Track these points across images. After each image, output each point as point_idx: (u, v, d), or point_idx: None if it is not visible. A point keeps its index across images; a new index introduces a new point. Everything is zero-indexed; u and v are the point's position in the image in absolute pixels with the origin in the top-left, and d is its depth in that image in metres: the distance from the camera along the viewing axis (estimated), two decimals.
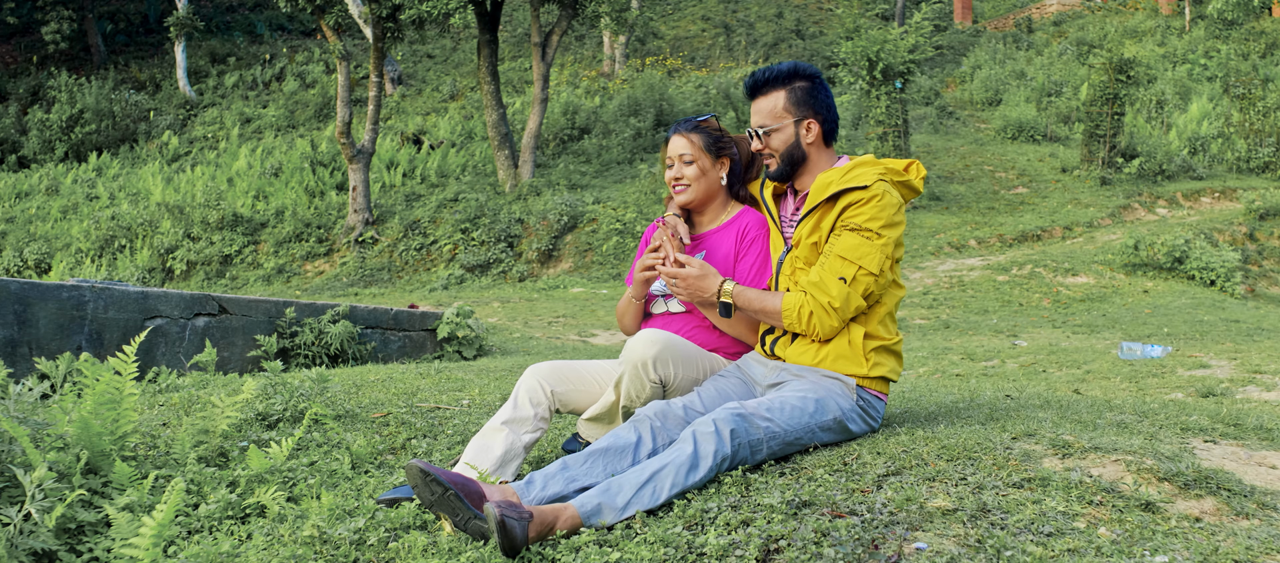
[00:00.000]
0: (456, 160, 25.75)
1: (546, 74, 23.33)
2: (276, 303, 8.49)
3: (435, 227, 22.11)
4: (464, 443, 4.60)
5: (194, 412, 5.09)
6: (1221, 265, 16.19)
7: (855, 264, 3.70)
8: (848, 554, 2.82)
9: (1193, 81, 29.95)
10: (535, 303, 15.79)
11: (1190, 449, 3.95)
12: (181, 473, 4.14)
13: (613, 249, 20.56)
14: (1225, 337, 11.07)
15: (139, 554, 3.18)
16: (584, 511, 3.27)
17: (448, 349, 9.42)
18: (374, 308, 9.10)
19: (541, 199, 22.26)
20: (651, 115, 27.06)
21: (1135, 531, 3.03)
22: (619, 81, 32.47)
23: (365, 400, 5.36)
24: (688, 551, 3.03)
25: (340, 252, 22.22)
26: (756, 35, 39.66)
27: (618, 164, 25.40)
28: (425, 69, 38.14)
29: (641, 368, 3.85)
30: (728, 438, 3.45)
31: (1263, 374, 7.25)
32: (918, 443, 3.67)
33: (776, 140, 3.94)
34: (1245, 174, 23.33)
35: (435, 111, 31.86)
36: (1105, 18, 39.05)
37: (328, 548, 3.36)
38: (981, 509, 3.10)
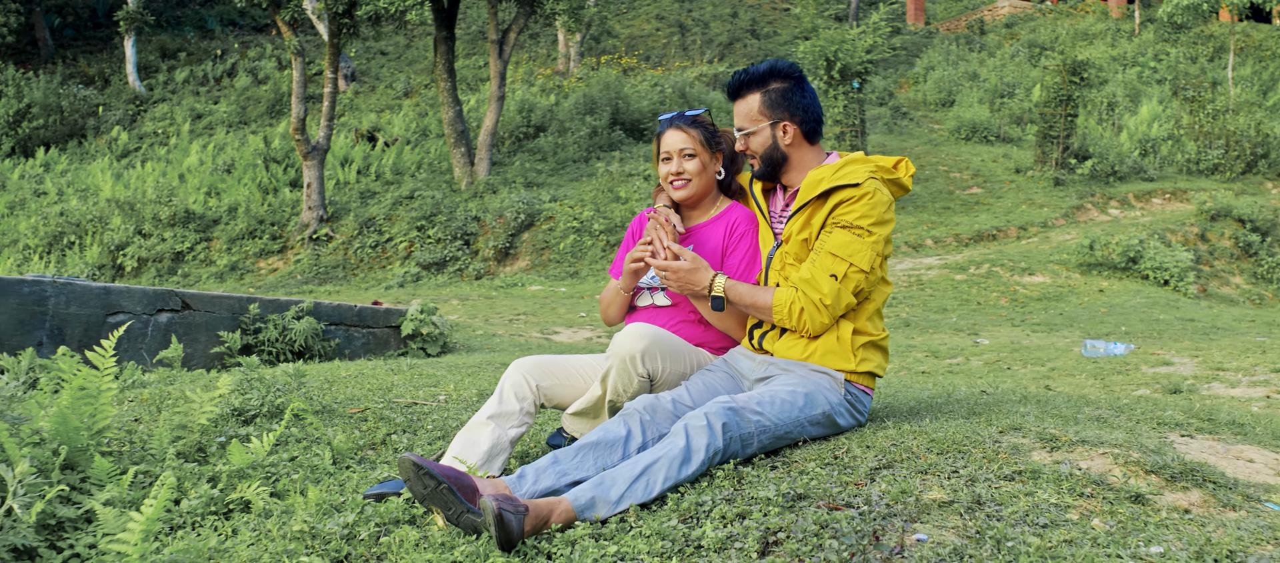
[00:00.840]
0: (412, 158, 25.61)
1: (503, 71, 23.26)
2: (240, 299, 8.40)
3: (391, 224, 21.98)
4: (445, 438, 4.58)
5: (168, 407, 5.02)
6: (1175, 265, 16.41)
7: (846, 261, 3.71)
8: (852, 546, 2.83)
9: (1142, 84, 30.33)
10: (494, 301, 15.74)
11: (1170, 443, 3.99)
12: (161, 468, 4.09)
13: (570, 248, 20.53)
14: (1182, 335, 11.21)
15: (128, 550, 3.13)
16: (578, 504, 3.26)
17: (412, 346, 9.37)
18: (338, 304, 9.03)
19: (498, 197, 22.19)
20: (607, 114, 27.03)
21: (1128, 522, 3.06)
22: (574, 80, 32.40)
23: (340, 396, 5.32)
24: (685, 543, 3.02)
25: (294, 249, 22.04)
26: (712, 35, 39.73)
27: (574, 162, 25.35)
28: (379, 66, 37.90)
29: (629, 362, 3.84)
30: (720, 432, 3.45)
31: (1225, 371, 7.35)
32: (906, 437, 3.69)
33: (755, 143, 3.96)
34: (1195, 176, 23.65)
35: (389, 108, 31.66)
36: (1056, 20, 39.46)
37: (318, 543, 3.33)
38: (976, 502, 3.12)
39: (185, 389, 5.58)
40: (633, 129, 27.38)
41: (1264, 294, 17.63)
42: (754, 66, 4.02)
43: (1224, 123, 23.78)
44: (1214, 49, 33.46)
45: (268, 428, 4.62)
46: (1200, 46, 33.43)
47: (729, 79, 4.04)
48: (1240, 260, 18.42)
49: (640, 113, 27.56)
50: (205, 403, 4.38)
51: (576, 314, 13.35)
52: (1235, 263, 18.29)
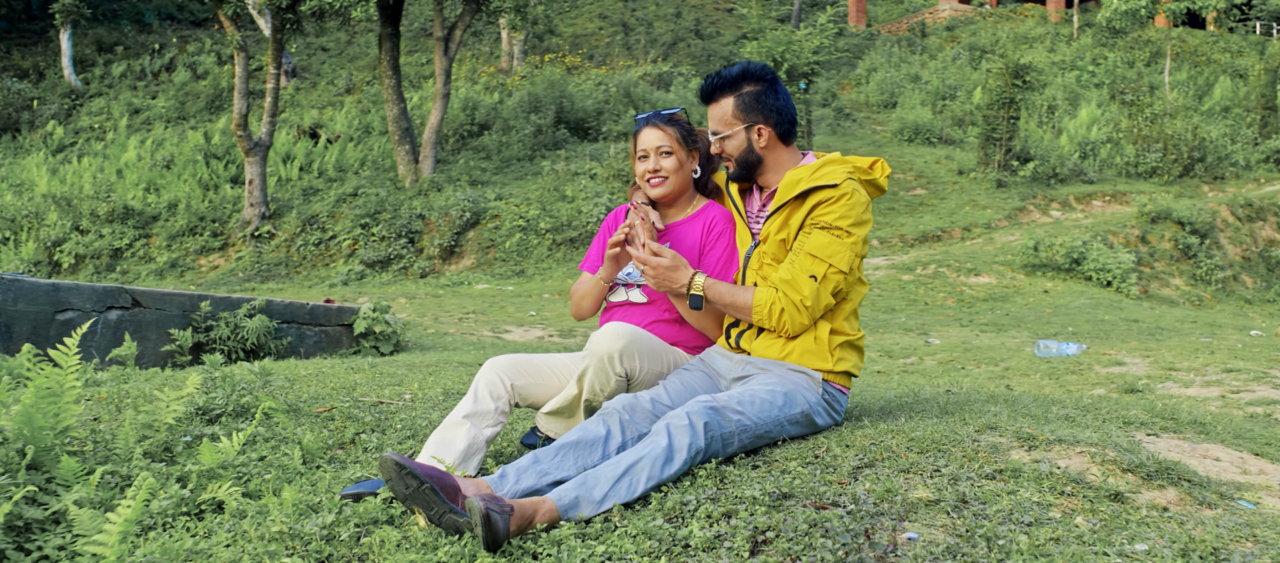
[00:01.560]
0: (355, 155, 25.40)
1: (448, 69, 23.13)
2: (191, 296, 8.28)
3: (334, 221, 21.79)
4: (415, 437, 4.53)
5: (129, 406, 4.94)
6: (1117, 267, 16.65)
7: (825, 262, 3.72)
8: (847, 544, 2.83)
9: (1081, 87, 30.74)
10: (442, 299, 15.64)
11: (1139, 443, 4.03)
12: (128, 468, 4.01)
13: (516, 246, 20.46)
14: (1129, 336, 11.37)
15: (105, 552, 3.06)
16: (562, 504, 3.24)
17: (364, 345, 9.28)
18: (290, 302, 8.92)
19: (443, 195, 22.06)
20: (552, 112, 26.97)
21: (1110, 520, 3.09)
22: (517, 78, 32.31)
23: (304, 395, 5.25)
24: (672, 543, 3.01)
25: (236, 246, 21.78)
26: (655, 34, 39.77)
27: (518, 161, 25.26)
28: (320, 62, 37.58)
29: (608, 361, 3.82)
30: (701, 431, 3.44)
31: (1177, 371, 7.45)
32: (885, 436, 3.70)
33: (730, 146, 3.95)
34: (1134, 178, 24.00)
35: (331, 105, 31.39)
36: (996, 24, 39.91)
37: (298, 544, 3.28)
38: (961, 500, 3.13)
39: (147, 388, 5.50)
40: (577, 128, 27.34)
41: (1202, 296, 17.93)
42: (726, 70, 4.00)
43: (1162, 127, 24.17)
44: (1151, 54, 34.00)
45: (235, 427, 4.55)
46: (1137, 51, 33.96)
47: (701, 83, 4.03)
48: (1180, 262, 18.72)
49: (585, 112, 27.52)
50: (172, 402, 4.31)
51: (526, 313, 13.30)
52: (1175, 265, 18.58)
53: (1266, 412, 5.78)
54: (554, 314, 13.26)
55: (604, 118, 27.50)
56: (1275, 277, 19.81)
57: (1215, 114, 28.40)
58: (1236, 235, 20.10)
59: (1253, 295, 18.75)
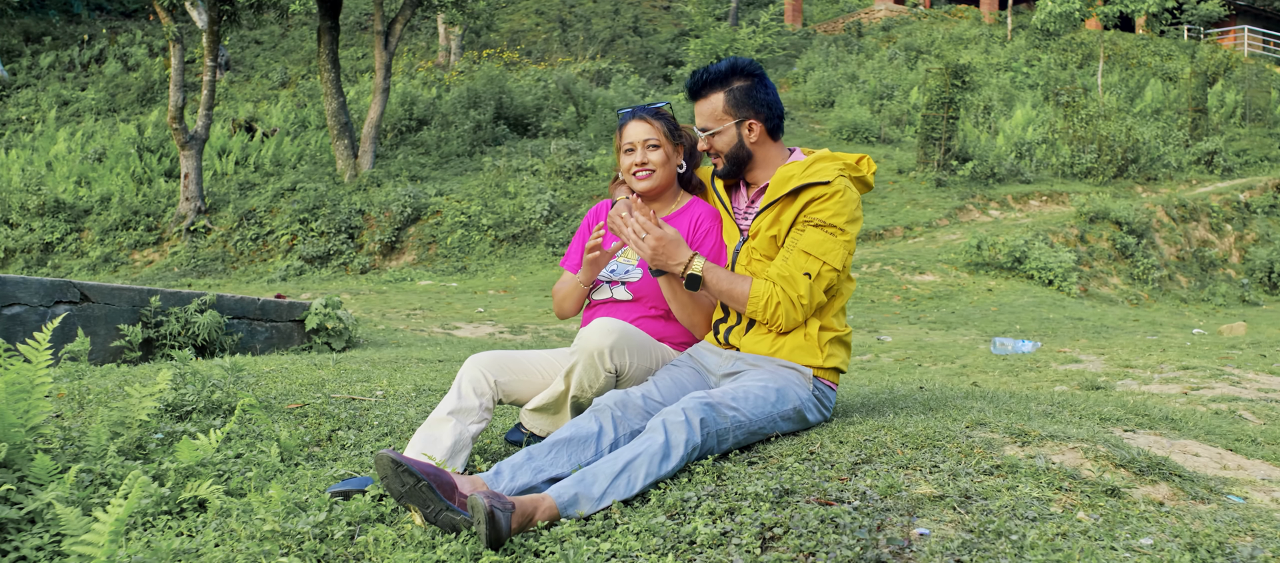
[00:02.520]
0: (292, 149, 25.07)
1: (388, 63, 22.90)
2: (140, 291, 8.11)
3: (272, 216, 21.51)
4: (392, 434, 4.47)
5: (90, 403, 4.82)
6: (1058, 266, 16.87)
7: (820, 260, 3.71)
8: (864, 540, 2.81)
9: (1016, 89, 31.12)
10: (386, 295, 15.49)
11: (1120, 439, 4.06)
12: (102, 466, 3.91)
13: (458, 242, 20.32)
14: (1075, 334, 11.53)
15: (95, 552, 2.97)
16: (561, 502, 3.20)
17: (316, 341, 9.15)
18: (241, 297, 8.78)
19: (382, 190, 21.86)
20: (491, 108, 26.80)
21: (1110, 515, 3.10)
22: (455, 73, 32.07)
23: (273, 392, 5.15)
24: (676, 540, 2.99)
25: (171, 241, 21.43)
26: (594, 31, 39.68)
27: (458, 157, 25.08)
28: (253, 55, 37.09)
29: (598, 357, 3.78)
30: (697, 427, 3.42)
31: (1134, 368, 7.54)
32: (878, 433, 3.69)
33: (720, 142, 3.92)
34: (1069, 179, 24.33)
35: (266, 99, 30.97)
36: (932, 25, 40.28)
37: (292, 543, 3.21)
38: (965, 496, 3.13)
39: (108, 384, 5.37)
40: (517, 124, 27.21)
41: (1140, 295, 18.22)
42: (714, 65, 3.98)
43: (1096, 128, 24.52)
44: (1083, 56, 34.50)
45: (208, 425, 4.45)
46: (1070, 53, 34.44)
47: (690, 77, 4.00)
48: (1118, 262, 19.01)
49: (525, 108, 27.39)
50: (145, 398, 4.20)
51: (474, 309, 13.20)
52: (1113, 264, 18.86)
53: (1230, 408, 5.87)
54: (502, 311, 13.18)
55: (544, 114, 27.40)
56: (1208, 277, 20.18)
57: (1147, 116, 28.88)
58: (1171, 236, 20.46)
59: (1188, 295, 19.09)
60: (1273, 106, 30.38)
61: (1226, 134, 27.99)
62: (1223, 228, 21.49)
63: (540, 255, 19.84)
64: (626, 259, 4.23)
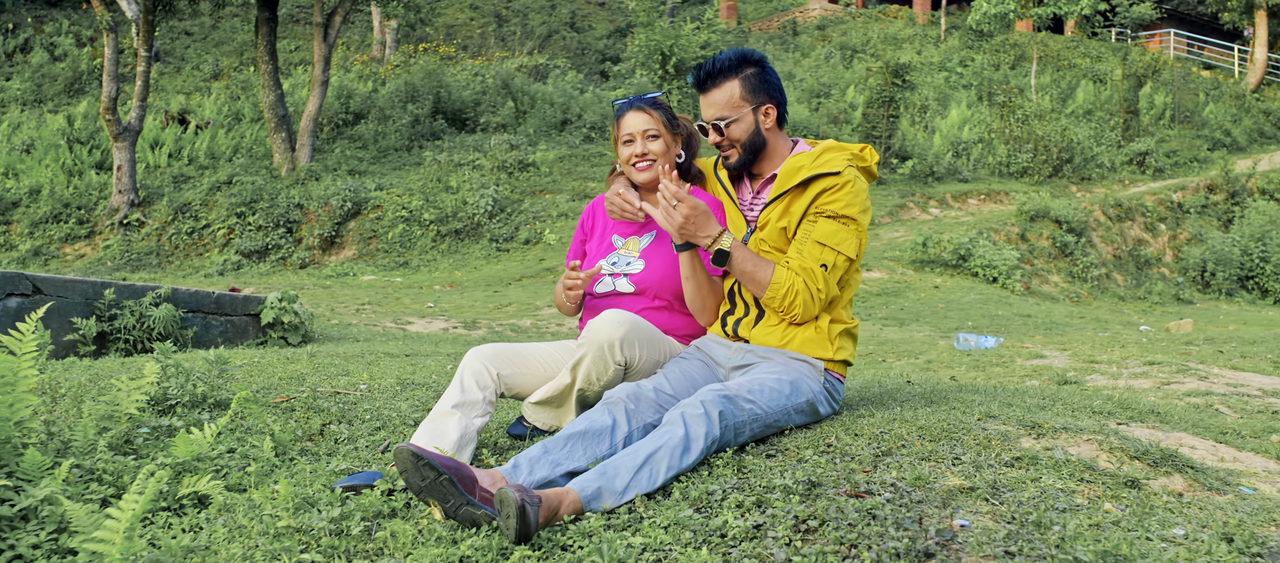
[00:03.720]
0: (227, 142, 24.65)
1: (328, 55, 22.60)
2: (94, 284, 7.91)
3: (208, 210, 21.15)
4: (384, 428, 4.38)
5: (62, 397, 4.68)
6: (1002, 264, 17.05)
7: (835, 251, 3.69)
8: (913, 531, 2.78)
9: (950, 88, 31.42)
10: (331, 290, 15.28)
11: (1124, 432, 4.07)
12: (93, 461, 3.78)
13: (399, 237, 20.13)
14: (1026, 330, 11.64)
15: (110, 551, 2.86)
16: (584, 495, 3.15)
17: (272, 335, 8.98)
18: (195, 291, 8.59)
19: (321, 184, 21.57)
20: (429, 102, 26.56)
21: (1135, 505, 3.11)
22: (391, 67, 31.75)
23: (253, 386, 5.02)
24: (708, 533, 2.94)
25: (103, 234, 21.00)
26: (531, 26, 39.52)
27: (396, 151, 24.84)
28: (184, 46, 36.49)
29: (608, 349, 3.72)
30: (716, 420, 3.38)
31: (1099, 364, 7.62)
32: (893, 425, 3.67)
33: (737, 130, 3.87)
34: (1006, 178, 24.61)
35: (199, 91, 30.45)
36: (867, 24, 40.57)
37: (309, 540, 3.12)
38: (994, 487, 3.11)
39: (82, 378, 5.22)
40: (455, 118, 27.00)
41: (1080, 292, 18.47)
42: (721, 55, 3.95)
43: (1032, 128, 24.82)
44: (1016, 57, 34.92)
45: (194, 419, 4.33)
46: (1003, 54, 34.85)
47: (699, 68, 3.95)
48: (1058, 260, 19.25)
49: (463, 102, 27.18)
50: (133, 392, 4.08)
51: (423, 305, 13.06)
52: (1053, 262, 19.09)
53: (1207, 403, 5.93)
54: (453, 306, 13.05)
55: (482, 109, 27.21)
56: (1144, 275, 20.51)
57: (1079, 117, 29.28)
58: (1108, 235, 20.76)
59: (1125, 293, 19.38)
60: (1200, 109, 30.96)
61: (1157, 135, 28.47)
62: (1157, 227, 21.86)
63: (484, 251, 19.70)
64: (628, 252, 4.18)
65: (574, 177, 22.39)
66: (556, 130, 26.04)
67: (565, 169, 22.77)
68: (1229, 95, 32.89)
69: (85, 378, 5.21)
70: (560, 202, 20.81)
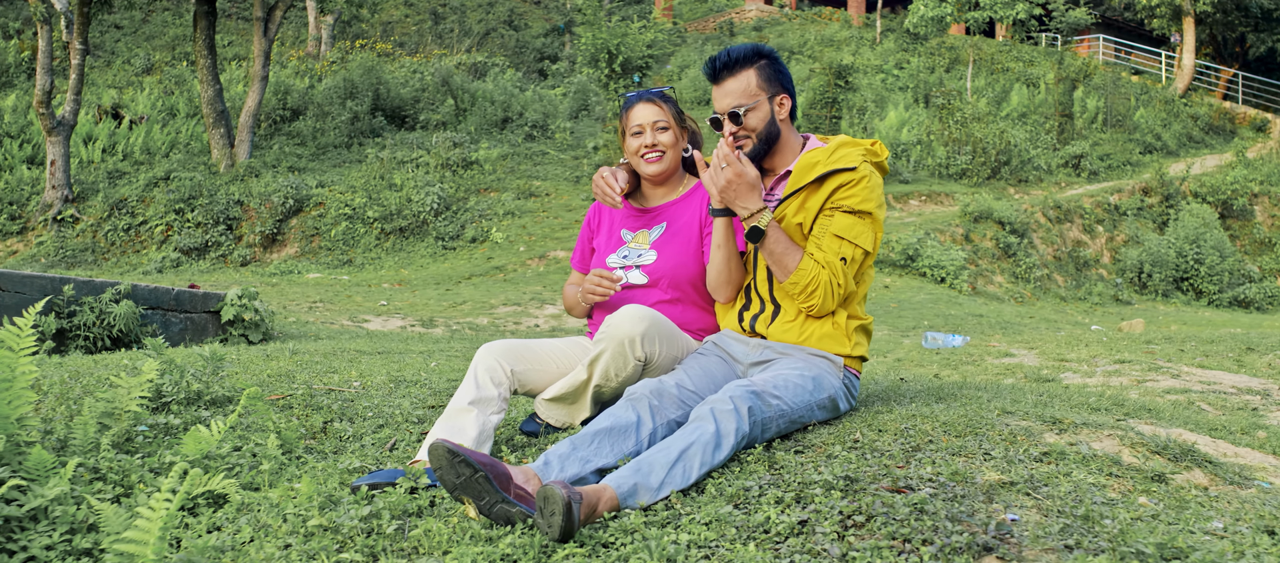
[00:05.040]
0: (162, 137, 24.23)
1: (268, 50, 22.32)
2: (52, 279, 7.73)
3: (145, 206, 20.77)
4: (387, 425, 4.31)
5: (47, 395, 4.55)
6: (950, 264, 17.21)
7: (853, 244, 3.69)
8: (974, 525, 2.76)
9: (887, 90, 31.66)
10: (280, 288, 15.05)
11: (1133, 427, 4.10)
12: (96, 459, 3.68)
13: (342, 235, 19.91)
14: (980, 329, 11.75)
15: (144, 552, 2.78)
16: (621, 492, 3.12)
17: (232, 333, 8.83)
18: (155, 287, 8.42)
19: (261, 181, 21.28)
20: (369, 99, 26.28)
21: (1168, 500, 3.12)
22: (327, 64, 31.40)
23: (241, 384, 4.92)
24: (752, 529, 2.91)
25: (36, 230, 20.56)
26: (468, 24, 39.29)
27: (335, 148, 24.56)
28: (114, 40, 35.82)
29: (628, 345, 3.69)
30: (746, 416, 3.37)
31: (1068, 362, 7.69)
32: (914, 421, 3.67)
33: (753, 119, 3.84)
34: (946, 179, 24.84)
35: (131, 85, 29.87)
36: (803, 26, 40.80)
37: (342, 538, 3.04)
38: (1031, 482, 3.11)
39: (61, 374, 5.08)
40: (394, 116, 26.75)
41: (1024, 293, 18.70)
42: (735, 47, 3.94)
43: (970, 130, 25.08)
44: (950, 60, 35.28)
45: (192, 417, 4.23)
46: (938, 57, 35.20)
47: (713, 59, 3.92)
48: (1001, 260, 19.47)
49: (402, 99, 26.93)
50: (134, 389, 3.97)
51: (376, 303, 12.91)
52: (997, 263, 19.31)
53: (1187, 400, 6.01)
54: (406, 304, 12.91)
55: (421, 106, 26.98)
56: (1084, 276, 20.81)
57: (1014, 119, 29.64)
58: (1048, 236, 21.04)
59: (1066, 293, 19.65)
60: (1131, 113, 31.48)
61: (1090, 138, 28.89)
62: (1094, 229, 22.19)
63: (429, 249, 19.53)
64: (638, 244, 4.15)
65: (518, 174, 22.29)
66: (497, 129, 25.90)
67: (509, 167, 22.65)
68: (1158, 100, 33.47)
69: (65, 375, 5.07)
70: (506, 200, 20.69)
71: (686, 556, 2.78)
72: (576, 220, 19.54)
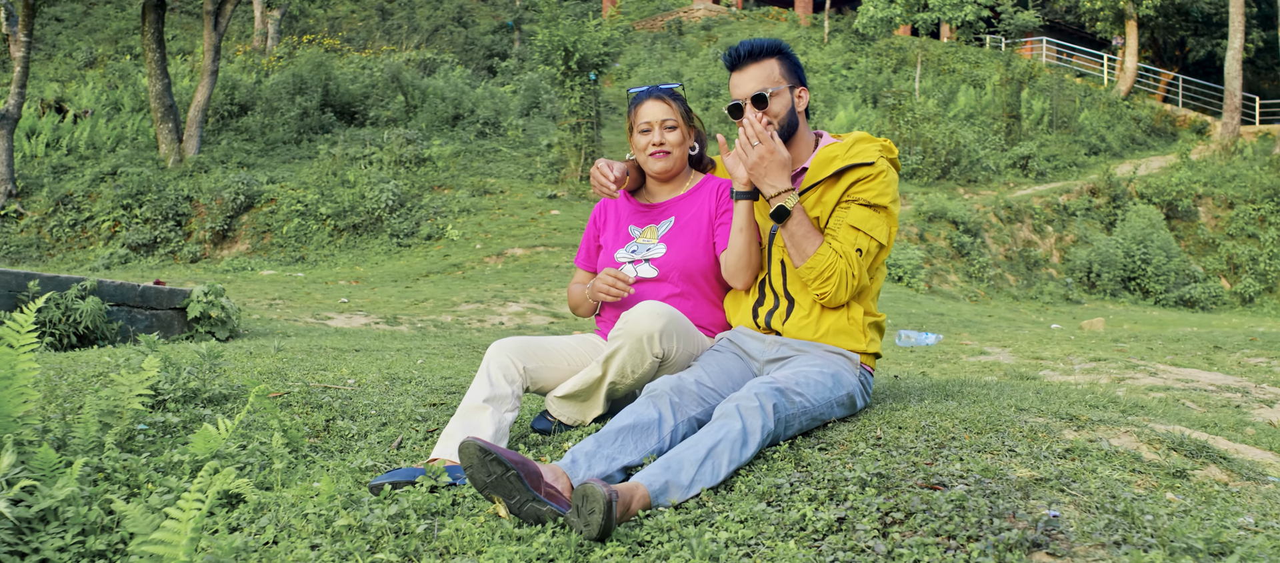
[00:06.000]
0: (108, 132, 23.81)
1: (217, 44, 22.02)
2: (17, 275, 7.56)
3: (92, 201, 20.43)
4: (392, 423, 4.25)
5: (57, 390, 4.45)
6: (908, 263, 17.31)
7: (868, 236, 3.69)
8: (1023, 520, 2.75)
9: (836, 91, 31.83)
10: (235, 286, 14.82)
11: (1148, 424, 4.12)
12: (101, 459, 3.59)
13: (294, 231, 19.68)
14: (945, 327, 11.82)
15: (173, 552, 2.71)
16: (653, 490, 3.10)
17: (199, 330, 8.68)
18: (121, 283, 8.27)
19: (211, 176, 20.98)
20: (318, 95, 25.99)
21: (1194, 495, 3.14)
22: (274, 59, 31.03)
23: (236, 381, 4.83)
24: (788, 526, 2.89)
25: None
26: (416, 21, 39.03)
27: (284, 144, 24.28)
28: (54, 33, 35.24)
29: (646, 341, 3.65)
30: (770, 412, 3.36)
31: (1044, 360, 7.74)
32: (933, 418, 3.67)
33: (778, 105, 3.84)
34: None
35: (74, 79, 29.36)
36: (752, 25, 40.90)
37: (371, 538, 2.99)
38: (1061, 478, 3.11)
39: (44, 371, 4.95)
40: (344, 112, 26.48)
41: (978, 292, 18.86)
42: (758, 38, 3.93)
43: (920, 131, 25.26)
44: (898, 60, 35.52)
45: (190, 414, 4.14)
46: (886, 58, 35.42)
47: (737, 47, 3.90)
48: (955, 260, 19.62)
49: (351, 96, 26.67)
50: (135, 386, 3.88)
51: (336, 300, 12.76)
52: (951, 262, 19.45)
53: (1172, 397, 6.07)
54: (367, 301, 12.77)
55: (371, 103, 26.73)
56: (1034, 276, 21.02)
57: (961, 120, 29.89)
58: (1000, 235, 21.23)
59: (1018, 292, 19.84)
60: (1076, 115, 31.85)
61: (1037, 140, 29.18)
62: (1044, 229, 22.42)
63: (384, 246, 19.35)
64: (646, 239, 4.12)
65: (471, 172, 22.15)
66: (448, 126, 25.73)
67: (462, 165, 22.51)
68: (1102, 102, 33.90)
69: (50, 372, 4.95)
70: (461, 197, 20.55)
71: (727, 554, 2.76)
72: (532, 218, 19.45)
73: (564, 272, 15.88)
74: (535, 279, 15.21)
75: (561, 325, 11.70)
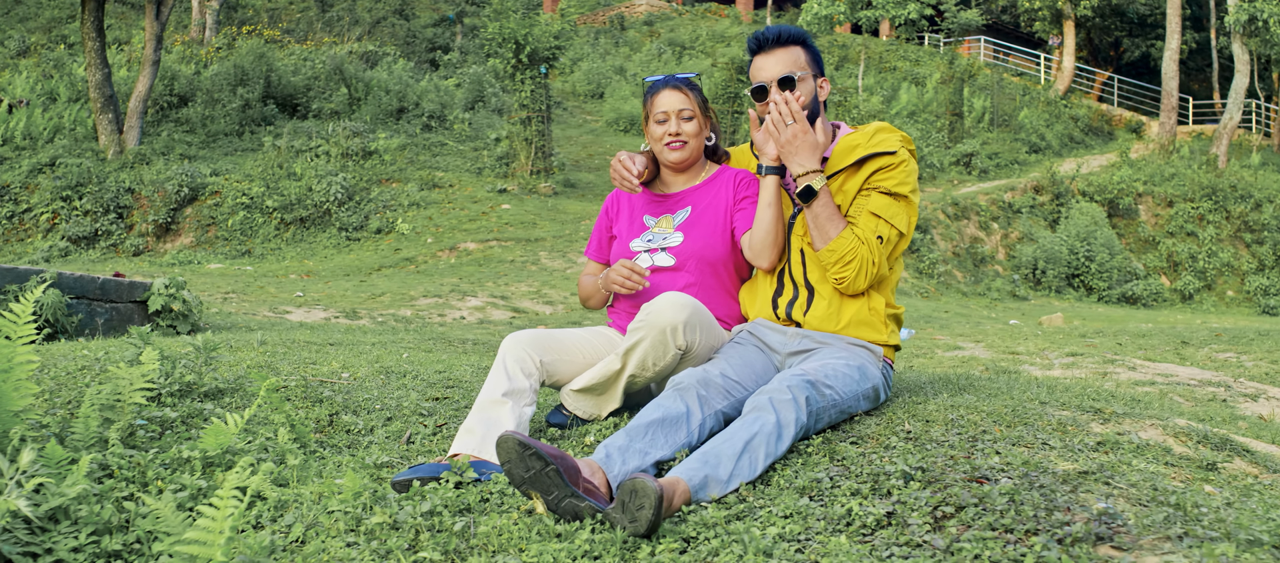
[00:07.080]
0: (44, 122, 23.26)
1: (160, 34, 21.61)
2: None
3: (29, 193, 19.97)
4: (397, 418, 4.17)
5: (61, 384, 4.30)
6: None
7: (889, 223, 3.67)
8: (1088, 514, 2.71)
9: None
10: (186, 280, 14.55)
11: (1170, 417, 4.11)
12: (106, 455, 3.46)
13: (240, 224, 19.37)
14: (908, 322, 11.84)
15: (211, 552, 2.60)
16: (693, 484, 3.04)
17: (160, 323, 8.49)
18: (80, 275, 8.06)
19: (153, 168, 20.57)
20: (260, 87, 25.56)
21: (1230, 488, 3.13)
22: (212, 49, 30.51)
23: (228, 375, 4.70)
24: (834, 520, 2.83)
25: None
26: (357, 13, 38.61)
27: (226, 136, 23.87)
28: None
29: (670, 333, 3.58)
30: (804, 406, 3.31)
31: (1021, 355, 7.76)
32: (959, 412, 3.63)
33: (802, 90, 3.80)
34: None
35: (7, 68, 28.69)
36: (694, 21, 40.91)
37: (407, 536, 2.89)
38: (1103, 471, 3.08)
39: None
40: (286, 104, 26.08)
41: (928, 288, 18.97)
42: (786, 26, 3.90)
43: None
44: (840, 58, 35.70)
45: (188, 409, 4.02)
46: (828, 55, 35.58)
47: (763, 32, 3.87)
48: (906, 255, 19.70)
49: (294, 87, 26.26)
50: (137, 380, 3.74)
51: (292, 294, 12.54)
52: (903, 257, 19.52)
53: (1159, 392, 6.09)
54: (323, 296, 12.58)
55: (313, 95, 26.36)
56: (982, 272, 21.19)
57: (904, 118, 30.10)
58: (948, 232, 21.38)
59: (966, 288, 19.99)
60: (1016, 113, 32.21)
61: (980, 138, 29.46)
62: (990, 226, 22.61)
63: (332, 240, 19.08)
64: (662, 228, 4.06)
65: (418, 165, 21.92)
66: (393, 119, 25.43)
67: (409, 158, 22.26)
68: (1041, 101, 34.30)
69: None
70: (410, 191, 20.31)
71: (779, 549, 2.69)
72: (483, 212, 19.27)
73: (519, 266, 15.74)
74: (491, 274, 15.06)
75: (522, 320, 11.58)
